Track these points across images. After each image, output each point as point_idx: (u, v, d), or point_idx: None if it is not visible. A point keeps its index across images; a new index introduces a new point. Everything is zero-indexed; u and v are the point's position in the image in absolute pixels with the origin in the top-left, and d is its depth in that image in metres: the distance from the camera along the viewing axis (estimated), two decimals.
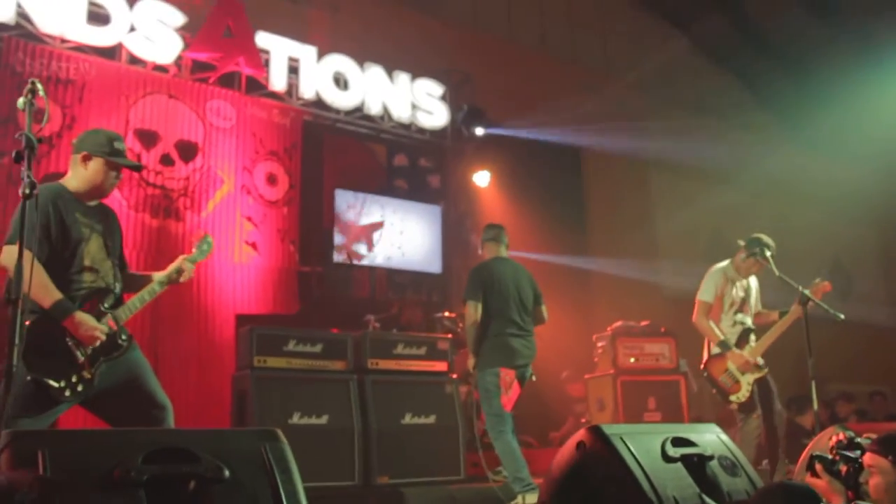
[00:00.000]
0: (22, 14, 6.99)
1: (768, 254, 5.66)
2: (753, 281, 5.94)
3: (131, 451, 2.12)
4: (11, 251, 3.05)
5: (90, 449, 2.11)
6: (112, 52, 7.44)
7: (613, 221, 11.51)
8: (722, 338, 5.67)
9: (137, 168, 3.83)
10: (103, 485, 2.04)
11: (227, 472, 2.18)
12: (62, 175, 3.69)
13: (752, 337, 5.75)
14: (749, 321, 5.81)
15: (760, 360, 5.66)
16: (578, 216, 11.71)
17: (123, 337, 3.57)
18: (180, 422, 6.92)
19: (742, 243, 5.80)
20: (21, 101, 2.93)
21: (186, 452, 2.19)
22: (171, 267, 3.81)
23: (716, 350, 5.70)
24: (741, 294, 5.83)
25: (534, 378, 5.59)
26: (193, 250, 3.99)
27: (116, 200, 7.28)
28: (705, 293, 5.81)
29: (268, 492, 2.25)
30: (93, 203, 3.62)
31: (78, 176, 3.56)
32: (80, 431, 2.20)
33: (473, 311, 5.46)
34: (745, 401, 5.60)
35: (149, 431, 2.61)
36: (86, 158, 3.54)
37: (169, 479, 2.13)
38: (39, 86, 2.92)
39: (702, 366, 5.77)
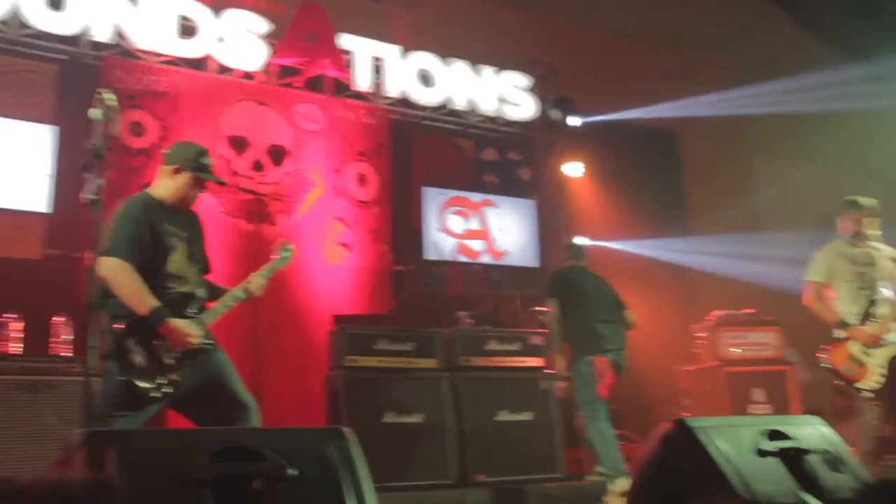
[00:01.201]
0: (119, 33, 7.28)
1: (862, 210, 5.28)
2: (881, 250, 5.31)
3: (198, 450, 2.14)
4: (107, 262, 3.30)
5: (159, 448, 2.15)
6: (201, 63, 7.65)
7: (714, 207, 11.08)
8: (838, 317, 5.14)
9: (221, 183, 4.01)
10: (170, 484, 2.06)
11: (291, 471, 2.17)
12: None
13: (883, 309, 5.10)
14: (879, 293, 5.15)
15: (894, 336, 5.01)
16: (677, 203, 11.35)
17: (209, 340, 3.63)
18: (281, 422, 7.09)
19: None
20: (95, 111, 3.02)
21: (252, 451, 2.18)
22: (244, 283, 3.86)
23: (836, 333, 5.13)
24: (857, 268, 5.26)
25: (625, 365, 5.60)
26: (274, 257, 4.02)
27: (213, 206, 7.48)
28: (810, 273, 5.40)
29: (333, 490, 2.22)
30: (177, 211, 3.72)
31: (166, 186, 3.68)
32: (149, 431, 2.24)
33: (554, 307, 5.66)
34: (879, 387, 4.91)
35: (217, 430, 2.63)
36: (176, 171, 3.68)
37: (234, 478, 2.13)
38: (107, 95, 3.00)
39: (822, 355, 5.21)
